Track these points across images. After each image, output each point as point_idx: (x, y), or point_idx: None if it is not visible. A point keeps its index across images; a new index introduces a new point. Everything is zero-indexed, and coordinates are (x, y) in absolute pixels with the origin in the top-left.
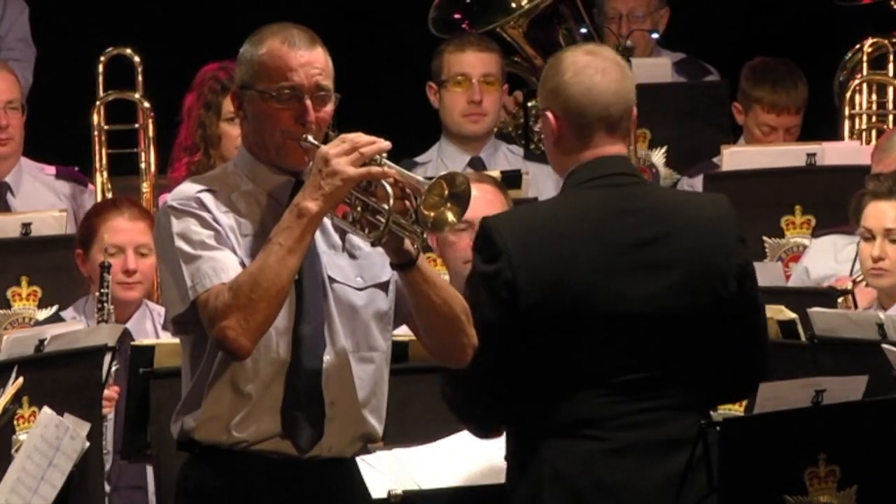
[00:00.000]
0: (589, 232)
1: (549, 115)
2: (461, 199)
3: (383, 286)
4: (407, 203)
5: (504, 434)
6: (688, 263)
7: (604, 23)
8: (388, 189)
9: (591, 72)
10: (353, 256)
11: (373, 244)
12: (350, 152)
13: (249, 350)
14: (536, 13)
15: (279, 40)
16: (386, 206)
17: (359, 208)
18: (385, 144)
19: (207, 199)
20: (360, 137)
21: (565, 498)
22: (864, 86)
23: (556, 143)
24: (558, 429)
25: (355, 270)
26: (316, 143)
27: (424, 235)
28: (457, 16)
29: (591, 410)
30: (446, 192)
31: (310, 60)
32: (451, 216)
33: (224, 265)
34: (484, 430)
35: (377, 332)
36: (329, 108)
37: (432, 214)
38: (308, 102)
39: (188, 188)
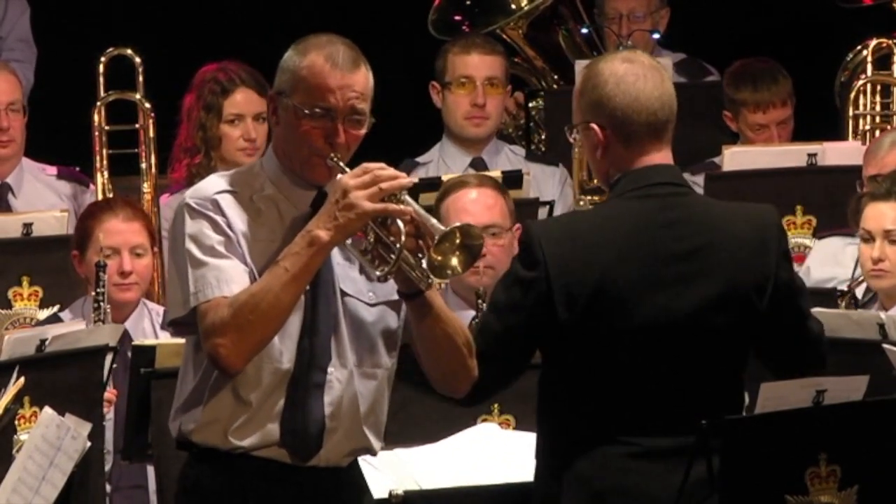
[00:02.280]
0: (626, 244)
1: (595, 127)
2: (472, 251)
3: (395, 305)
4: (419, 242)
5: (506, 434)
6: (727, 277)
7: (604, 23)
8: (402, 227)
9: (633, 79)
10: (368, 271)
11: (379, 279)
12: (369, 185)
13: (240, 369)
14: (536, 14)
15: (322, 57)
16: (398, 245)
17: (372, 239)
18: (405, 181)
19: (225, 201)
20: (382, 171)
21: (583, 499)
22: (868, 86)
23: (604, 155)
24: (586, 432)
25: (368, 285)
26: (341, 164)
27: (430, 279)
28: (457, 17)
29: (618, 416)
30: (458, 241)
31: (349, 83)
32: (456, 263)
33: (229, 276)
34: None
35: (383, 350)
36: (362, 130)
37: (439, 258)
38: (340, 125)
39: (209, 187)
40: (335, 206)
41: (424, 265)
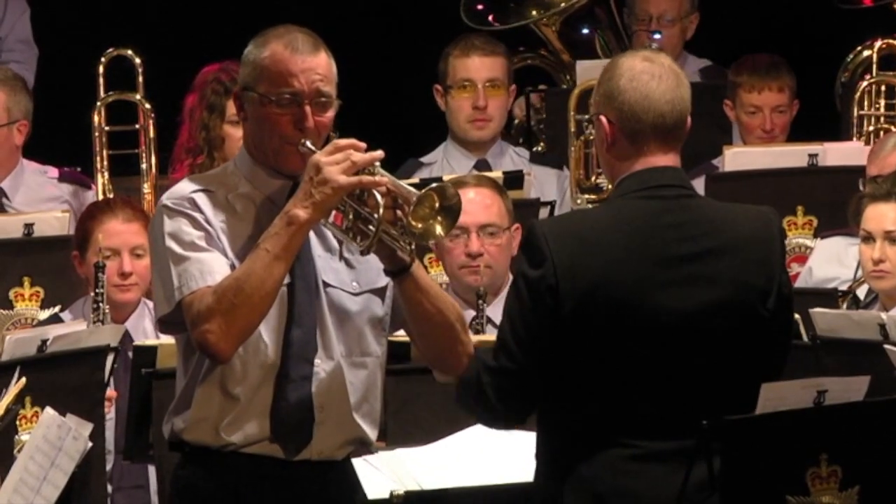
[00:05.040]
0: (631, 243)
1: (603, 119)
2: (452, 213)
3: (380, 292)
4: (398, 213)
5: (506, 434)
6: (730, 281)
7: (633, 24)
8: (379, 198)
9: (647, 78)
10: (349, 261)
11: (362, 253)
12: (342, 161)
13: (229, 355)
14: (571, 12)
15: (282, 44)
16: (376, 215)
17: (350, 216)
18: (378, 154)
19: (201, 199)
20: (353, 145)
21: (586, 501)
22: (873, 87)
23: (609, 149)
24: (587, 433)
25: (351, 275)
26: (313, 148)
27: (412, 246)
28: (479, 7)
29: (621, 418)
30: (437, 205)
31: (311, 66)
32: (439, 229)
33: (211, 267)
34: (506, 425)
35: (371, 338)
36: (330, 114)
37: (420, 226)
38: (307, 108)
39: (184, 187)
40: (310, 183)
41: (405, 236)
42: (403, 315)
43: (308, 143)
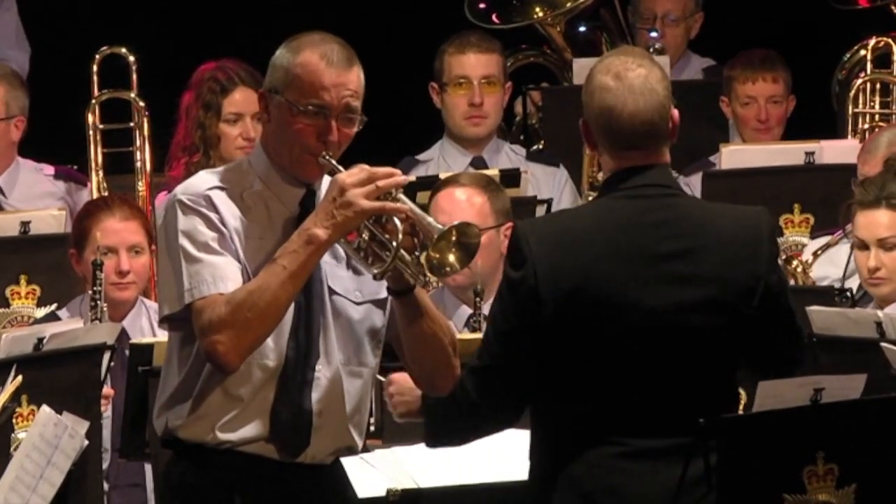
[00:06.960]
0: (613, 242)
1: (585, 123)
2: (468, 249)
3: (381, 303)
4: (415, 240)
5: (504, 433)
6: (712, 279)
7: (637, 23)
8: (399, 225)
9: (619, 82)
10: (354, 270)
11: (375, 277)
12: (366, 184)
13: (237, 366)
14: (576, 13)
15: (317, 55)
16: (394, 243)
17: (366, 237)
18: (402, 178)
19: (218, 197)
20: (378, 169)
21: (573, 499)
22: (868, 85)
23: (592, 150)
24: (577, 432)
25: (355, 284)
26: (333, 162)
27: (426, 277)
28: (482, 5)
29: (608, 416)
30: (454, 238)
31: (343, 81)
32: (453, 260)
33: (224, 274)
34: (494, 426)
35: (369, 349)
36: (354, 129)
37: (437, 256)
38: (333, 123)
39: (200, 183)
40: (332, 203)
41: (422, 262)
42: (396, 331)
43: (328, 156)
